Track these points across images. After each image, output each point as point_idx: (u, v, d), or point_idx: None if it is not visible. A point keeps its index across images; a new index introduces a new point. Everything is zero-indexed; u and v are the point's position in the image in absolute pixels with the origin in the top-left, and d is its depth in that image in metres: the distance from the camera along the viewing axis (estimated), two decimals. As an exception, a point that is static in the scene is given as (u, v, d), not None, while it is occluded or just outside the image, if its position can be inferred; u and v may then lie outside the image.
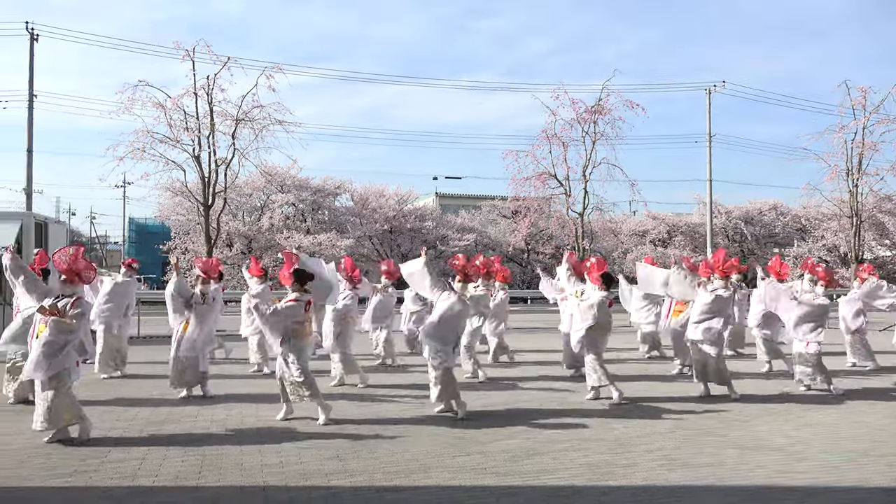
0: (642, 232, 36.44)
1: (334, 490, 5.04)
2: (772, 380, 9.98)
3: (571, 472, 5.51)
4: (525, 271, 33.08)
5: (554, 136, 27.55)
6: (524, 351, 13.02)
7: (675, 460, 5.83)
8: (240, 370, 10.54)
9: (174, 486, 5.12)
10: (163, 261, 30.35)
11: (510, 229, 33.35)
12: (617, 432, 6.77)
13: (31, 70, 24.24)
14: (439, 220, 33.46)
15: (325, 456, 5.87)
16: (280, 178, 29.81)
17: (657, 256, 30.75)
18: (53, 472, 5.40)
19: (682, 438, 6.57)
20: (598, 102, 27.25)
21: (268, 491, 5.02)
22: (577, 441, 6.43)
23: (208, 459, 5.77)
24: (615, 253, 34.13)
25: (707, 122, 30.89)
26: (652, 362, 11.85)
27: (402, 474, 5.40)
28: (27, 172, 24.27)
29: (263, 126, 22.79)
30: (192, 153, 22.44)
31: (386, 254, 29.86)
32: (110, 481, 5.19)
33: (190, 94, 22.34)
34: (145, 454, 5.91)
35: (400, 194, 33.20)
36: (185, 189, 24.03)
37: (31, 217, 15.86)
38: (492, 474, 5.42)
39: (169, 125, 22.17)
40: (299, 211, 31.30)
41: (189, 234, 28.93)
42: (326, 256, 25.60)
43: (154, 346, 13.73)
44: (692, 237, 35.95)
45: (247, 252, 27.64)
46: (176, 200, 28.01)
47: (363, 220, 31.26)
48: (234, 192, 26.70)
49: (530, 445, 6.26)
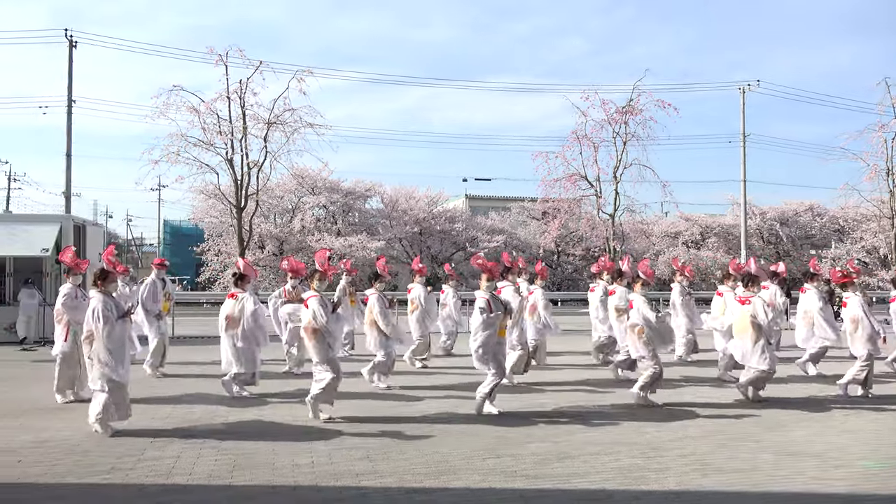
0: (674, 233, 35.99)
1: (364, 490, 5.06)
2: (808, 383, 9.77)
3: (603, 475, 5.45)
4: (555, 273, 32.90)
5: (584, 137, 27.37)
6: (555, 353, 12.94)
7: (708, 465, 5.74)
8: (272, 370, 10.65)
9: (207, 484, 5.19)
10: (196, 262, 30.88)
11: (540, 231, 33.20)
12: (649, 436, 6.69)
13: (70, 76, 24.84)
14: (469, 221, 33.46)
15: (355, 456, 5.90)
16: (311, 180, 30.10)
17: (689, 258, 30.39)
18: (91, 470, 5.51)
19: (716, 443, 6.46)
20: (628, 103, 27.01)
21: (299, 490, 5.06)
22: (609, 445, 6.36)
23: (241, 458, 5.83)
24: (647, 255, 33.77)
25: (741, 122, 30.42)
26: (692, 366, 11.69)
27: (432, 476, 5.40)
28: (66, 176, 24.88)
29: (294, 129, 23.04)
30: (225, 156, 22.78)
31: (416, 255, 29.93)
32: (146, 479, 5.29)
33: (223, 99, 22.70)
34: (180, 452, 6.01)
35: (430, 196, 33.28)
36: (219, 192, 24.41)
37: (69, 220, 16.25)
38: (522, 477, 5.39)
39: (203, 129, 22.54)
40: (330, 213, 31.56)
41: (222, 236, 29.35)
42: (357, 258, 25.80)
43: (189, 346, 13.95)
44: (726, 239, 35.39)
45: (278, 254, 27.96)
46: (209, 203, 28.45)
47: (393, 223, 31.40)
48: (265, 195, 27.04)
49: (561, 448, 6.21)
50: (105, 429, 6.59)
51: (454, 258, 31.57)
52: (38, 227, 15.61)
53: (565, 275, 33.28)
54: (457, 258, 31.65)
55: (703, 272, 31.68)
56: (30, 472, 5.47)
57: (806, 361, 10.65)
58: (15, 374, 10.55)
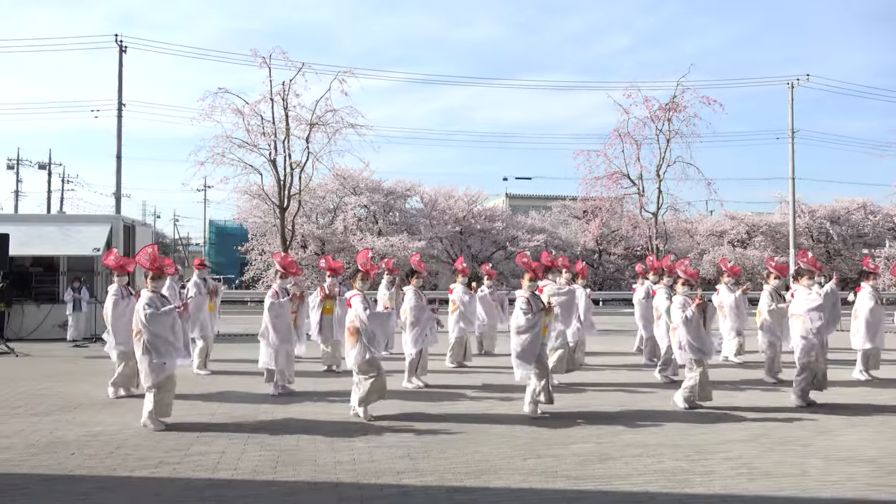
0: (720, 232, 35.23)
1: (405, 488, 5.08)
2: (859, 388, 9.48)
3: (645, 478, 5.38)
4: (597, 272, 32.56)
5: (627, 135, 27.07)
6: (597, 353, 12.80)
7: (755, 469, 5.61)
8: (314, 368, 10.78)
9: (252, 479, 5.29)
10: (241, 261, 31.43)
11: (581, 230, 32.90)
12: (693, 439, 6.57)
13: (120, 80, 25.55)
14: (509, 220, 33.31)
15: (396, 454, 5.93)
16: (353, 180, 30.36)
17: (736, 258, 29.75)
18: (140, 463, 5.66)
19: (763, 447, 6.31)
20: (672, 100, 26.58)
21: (341, 487, 5.11)
22: (652, 446, 6.27)
23: (284, 455, 5.93)
24: (691, 254, 33.16)
25: (790, 118, 29.64)
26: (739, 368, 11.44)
27: (473, 475, 5.40)
28: (116, 177, 25.61)
29: (336, 129, 23.31)
30: (269, 157, 23.16)
31: (457, 255, 29.95)
32: (192, 473, 5.41)
33: (266, 100, 23.08)
34: (225, 448, 6.13)
35: (469, 195, 33.24)
36: (262, 192, 24.82)
37: (119, 220, 16.74)
38: (563, 478, 5.35)
39: (247, 130, 22.96)
40: (371, 213, 31.78)
41: (265, 235, 29.82)
42: (398, 258, 25.94)
43: (233, 343, 14.22)
44: (773, 238, 34.50)
45: (320, 253, 28.28)
46: (253, 203, 28.93)
47: (433, 222, 31.45)
48: (308, 195, 27.37)
49: (603, 450, 6.15)
50: (155, 424, 6.78)
51: (494, 257, 31.48)
52: (90, 227, 16.12)
53: (607, 274, 32.88)
54: (497, 257, 31.56)
55: (749, 272, 30.97)
56: (83, 464, 5.64)
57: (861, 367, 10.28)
58: (68, 370, 10.90)
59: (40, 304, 15.45)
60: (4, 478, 5.29)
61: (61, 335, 14.96)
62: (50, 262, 15.91)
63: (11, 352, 12.83)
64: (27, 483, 5.17)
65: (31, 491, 5.01)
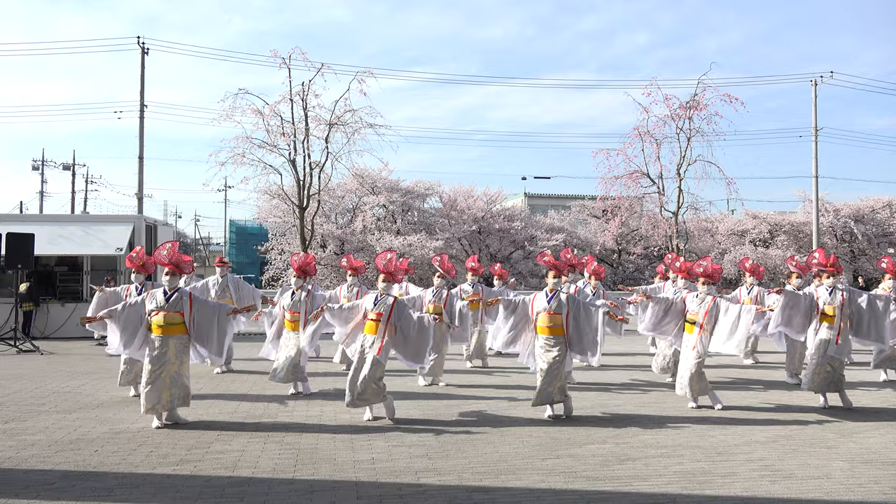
0: (741, 232, 34.83)
1: (424, 488, 5.09)
2: (885, 389, 9.33)
3: (665, 479, 5.34)
4: (616, 272, 32.36)
5: (646, 134, 26.82)
6: (614, 354, 12.74)
7: (778, 471, 5.54)
8: (333, 368, 10.83)
9: (272, 477, 5.32)
10: (261, 261, 31.67)
11: (600, 229, 32.71)
12: (714, 440, 6.51)
13: (142, 82, 25.83)
14: (528, 220, 33.21)
15: (414, 454, 5.94)
16: (371, 180, 30.44)
17: (758, 257, 29.44)
18: (162, 461, 5.73)
19: (786, 448, 6.23)
20: (693, 98, 26.32)
21: (359, 486, 5.13)
22: (672, 448, 6.22)
23: (303, 453, 5.96)
24: (712, 254, 32.84)
25: (813, 116, 29.25)
26: (753, 368, 11.33)
27: (491, 475, 5.39)
28: (138, 178, 25.89)
29: (355, 130, 23.38)
30: (288, 157, 23.28)
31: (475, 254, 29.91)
32: (212, 471, 5.46)
33: (286, 101, 23.19)
34: (245, 446, 6.18)
35: (488, 195, 33.19)
36: (282, 192, 24.94)
37: (142, 220, 16.96)
38: (582, 478, 5.33)
39: (267, 131, 23.09)
40: (390, 213, 31.85)
41: (285, 235, 29.98)
42: (416, 257, 25.98)
43: (253, 342, 14.32)
44: (796, 237, 34.05)
45: (339, 253, 28.40)
46: (273, 203, 29.10)
47: (452, 221, 31.45)
48: (327, 195, 27.47)
49: (622, 451, 6.11)
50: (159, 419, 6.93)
51: (513, 257, 31.42)
52: (113, 227, 16.36)
53: (626, 273, 32.67)
54: (516, 257, 31.50)
55: (771, 271, 30.61)
56: (106, 461, 5.72)
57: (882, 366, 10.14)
58: (91, 368, 11.05)
59: (64, 302, 15.70)
60: (30, 474, 5.38)
61: (85, 333, 15.15)
62: (74, 262, 16.16)
63: (37, 350, 13.03)
64: (52, 479, 5.25)
65: (55, 487, 5.08)
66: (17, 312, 13.87)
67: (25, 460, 5.73)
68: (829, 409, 7.94)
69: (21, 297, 14.42)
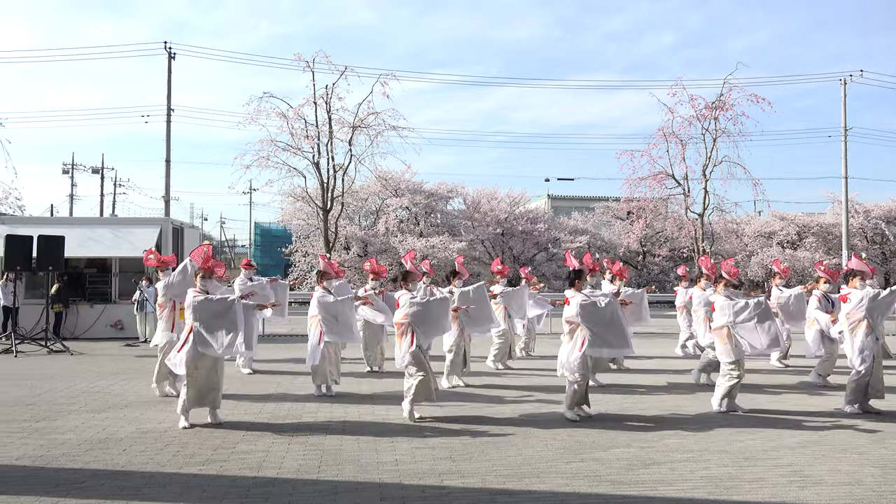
0: (768, 233, 34.37)
1: (447, 490, 5.08)
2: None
3: (691, 484, 5.27)
4: (641, 274, 32.10)
5: (671, 135, 26.60)
6: (641, 357, 12.63)
7: (807, 477, 5.45)
8: (357, 369, 10.87)
9: (296, 478, 5.35)
10: (285, 263, 31.94)
11: (624, 231, 32.49)
12: (741, 444, 6.42)
13: (169, 86, 26.23)
14: (551, 222, 33.12)
15: (438, 456, 5.94)
16: (394, 182, 30.56)
17: (786, 259, 29.00)
18: (189, 461, 5.79)
19: (815, 454, 6.12)
20: (719, 98, 26.04)
21: (383, 488, 5.14)
22: (698, 452, 6.15)
23: (327, 454, 5.99)
24: (739, 256, 32.43)
25: (842, 115, 28.79)
26: (786, 372, 11.16)
27: (515, 478, 5.37)
28: (165, 181, 26.30)
29: (378, 132, 23.51)
30: (312, 160, 23.49)
31: (498, 256, 29.88)
32: (238, 471, 5.50)
33: (310, 104, 23.41)
34: (269, 447, 6.23)
35: (512, 196, 33.16)
36: (306, 194, 25.17)
37: (169, 222, 17.18)
38: (607, 482, 5.28)
39: (291, 134, 23.31)
40: (413, 215, 31.93)
41: (309, 237, 30.22)
42: (439, 259, 26.00)
43: (278, 344, 14.44)
44: (825, 239, 33.51)
45: (363, 255, 28.53)
46: (297, 206, 29.35)
47: (475, 223, 31.45)
48: (350, 197, 27.67)
49: (647, 455, 6.05)
50: (181, 420, 6.98)
51: (536, 259, 31.32)
52: (141, 229, 16.61)
53: (651, 276, 32.39)
54: (539, 259, 31.39)
55: (800, 273, 30.13)
56: (134, 461, 5.80)
57: None
58: (120, 369, 11.22)
59: (93, 304, 15.96)
60: (61, 472, 5.47)
61: (114, 335, 15.42)
62: (103, 264, 16.41)
63: (66, 350, 13.27)
64: (82, 478, 5.33)
65: (85, 486, 5.16)
66: (47, 313, 14.12)
67: (56, 459, 5.83)
68: (859, 414, 7.79)
69: (52, 298, 14.68)
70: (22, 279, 15.22)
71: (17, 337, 13.51)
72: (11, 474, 5.42)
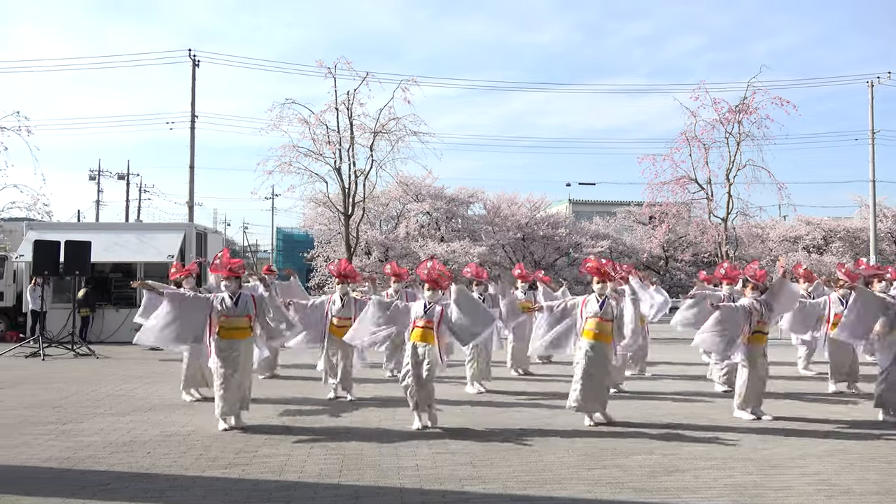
0: (794, 238, 33.88)
1: (468, 496, 5.07)
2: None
3: (715, 492, 5.20)
4: (664, 279, 31.80)
5: (694, 139, 26.31)
6: (662, 363, 12.52)
7: (835, 486, 5.35)
8: (376, 374, 10.89)
9: (317, 482, 5.37)
10: (307, 268, 32.12)
11: (647, 236, 32.21)
12: (766, 452, 6.33)
13: (193, 93, 26.54)
14: (572, 226, 32.94)
15: (458, 461, 5.93)
16: (416, 187, 30.61)
17: (812, 264, 28.57)
18: (212, 464, 5.84)
19: (842, 462, 6.01)
20: (742, 101, 25.74)
21: (404, 493, 5.14)
22: (722, 459, 6.06)
23: (348, 459, 6.01)
24: (763, 260, 31.99)
25: (870, 118, 28.33)
26: (811, 379, 11.00)
27: (536, 484, 5.34)
28: (189, 187, 26.59)
29: (399, 137, 23.55)
30: (334, 165, 23.59)
31: (519, 261, 29.79)
32: (260, 475, 5.54)
33: (332, 110, 23.50)
34: (291, 451, 6.26)
35: (532, 201, 33.05)
36: (327, 200, 25.27)
37: (192, 227, 17.40)
38: (629, 489, 5.23)
39: (313, 140, 23.43)
40: (433, 219, 31.95)
41: (330, 242, 30.36)
42: (460, 264, 25.97)
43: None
44: (852, 243, 32.95)
45: (384, 260, 28.61)
46: (319, 211, 29.49)
47: (495, 228, 31.40)
48: (372, 202, 27.72)
49: (670, 462, 5.99)
50: (220, 423, 7.06)
51: (557, 264, 31.19)
52: (165, 234, 16.84)
53: (674, 281, 32.08)
54: (560, 264, 31.26)
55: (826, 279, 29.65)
56: (158, 463, 5.86)
57: None
58: (144, 372, 11.36)
59: (119, 308, 16.18)
60: (87, 474, 5.54)
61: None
62: (128, 268, 16.65)
63: (92, 353, 13.46)
64: (107, 480, 5.40)
65: (110, 488, 5.23)
66: (74, 317, 14.34)
67: (82, 461, 5.91)
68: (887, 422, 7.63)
69: (78, 302, 14.92)
70: (49, 284, 15.49)
71: (44, 340, 13.74)
72: (40, 476, 5.50)
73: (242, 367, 7.16)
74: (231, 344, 7.10)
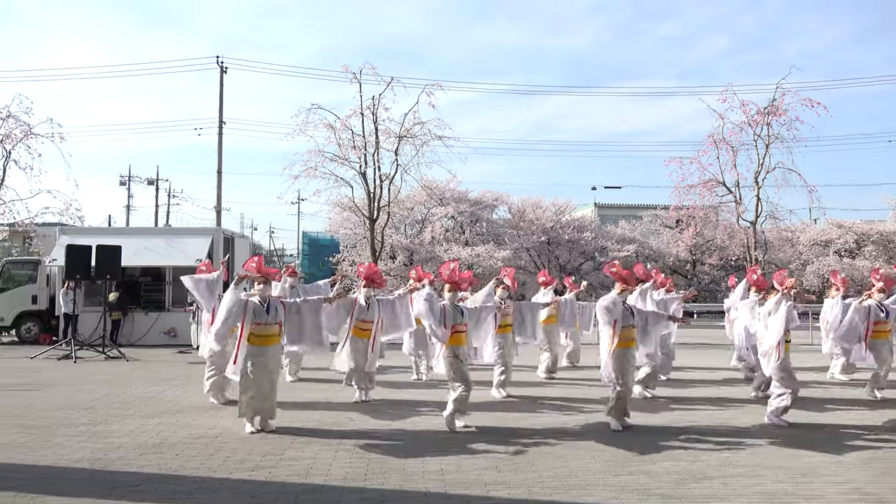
0: (825, 242, 33.26)
1: (493, 501, 5.05)
2: None
3: (745, 499, 5.12)
4: (690, 283, 31.41)
5: (722, 141, 26.00)
6: (690, 368, 12.37)
7: (868, 495, 5.24)
8: (402, 378, 10.91)
9: (343, 486, 5.40)
10: (332, 272, 32.31)
11: (673, 240, 31.88)
12: (797, 460, 6.21)
13: (221, 100, 26.92)
14: (598, 230, 32.72)
15: (483, 466, 5.91)
16: (440, 191, 30.65)
17: (843, 268, 28.04)
18: (239, 466, 5.90)
19: (876, 470, 5.88)
20: (771, 103, 25.37)
21: (429, 497, 5.14)
22: (752, 467, 5.97)
23: (373, 462, 6.02)
24: (793, 265, 31.46)
25: (902, 119, 27.74)
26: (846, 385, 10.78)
27: (562, 490, 5.30)
28: (217, 192, 26.95)
29: (424, 142, 23.62)
30: (359, 170, 23.73)
31: (544, 265, 29.67)
32: (286, 478, 5.58)
33: (357, 115, 23.66)
34: (317, 454, 6.29)
35: (557, 205, 32.90)
36: (353, 204, 25.42)
37: (220, 232, 17.62)
38: (656, 496, 5.17)
39: (338, 144, 23.60)
40: (458, 223, 31.97)
41: (356, 246, 30.52)
42: (484, 268, 25.96)
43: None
44: (885, 247, 32.25)
45: (408, 264, 28.67)
46: (344, 215, 29.68)
47: (520, 232, 31.31)
48: (397, 207, 27.82)
49: (698, 468, 5.91)
50: (250, 423, 7.15)
51: (583, 268, 31.00)
52: (193, 238, 17.06)
53: (702, 285, 31.69)
54: (585, 268, 31.06)
55: (858, 283, 29.08)
56: (186, 465, 5.93)
57: None
58: (173, 375, 11.51)
59: (148, 311, 16.43)
60: (117, 475, 5.63)
61: (167, 341, 15.83)
62: (157, 272, 16.90)
63: (123, 356, 13.68)
64: (137, 481, 5.48)
65: (140, 489, 5.30)
66: (105, 321, 14.59)
67: (112, 462, 6.01)
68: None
69: (109, 306, 15.17)
70: (81, 287, 15.79)
71: (76, 343, 13.99)
72: (71, 476, 5.60)
73: (272, 373, 7.25)
74: (261, 350, 7.17)
